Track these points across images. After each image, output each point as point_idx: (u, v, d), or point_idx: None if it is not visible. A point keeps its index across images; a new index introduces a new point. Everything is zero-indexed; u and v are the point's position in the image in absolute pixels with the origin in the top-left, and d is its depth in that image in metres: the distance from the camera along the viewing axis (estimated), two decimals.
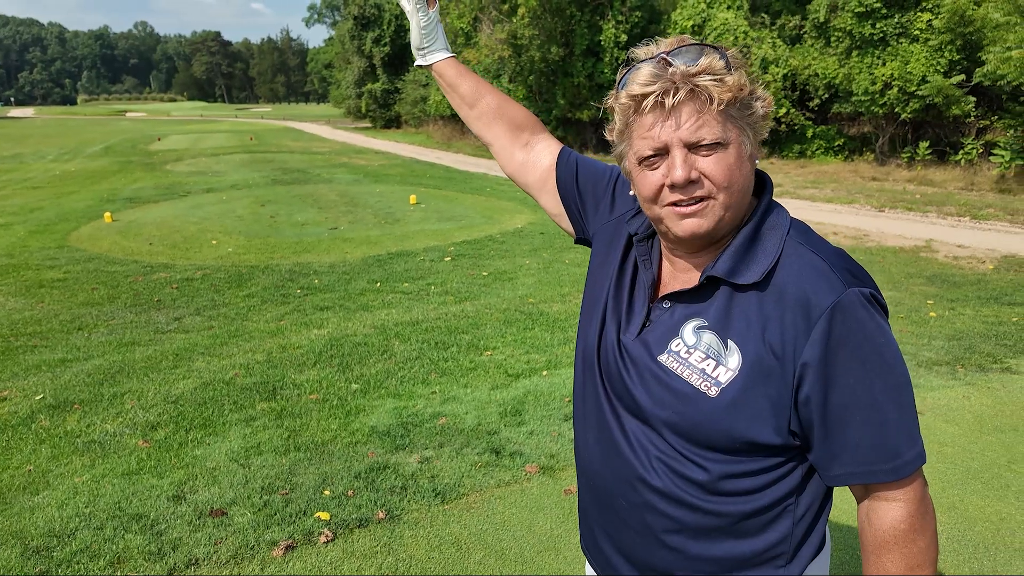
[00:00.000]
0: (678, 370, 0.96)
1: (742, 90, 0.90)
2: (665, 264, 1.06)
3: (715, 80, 0.88)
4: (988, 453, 3.04)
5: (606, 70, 19.49)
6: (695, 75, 0.88)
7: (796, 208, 11.78)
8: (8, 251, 8.37)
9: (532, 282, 6.87)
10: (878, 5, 14.82)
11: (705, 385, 0.94)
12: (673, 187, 0.91)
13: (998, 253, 7.67)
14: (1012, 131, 13.03)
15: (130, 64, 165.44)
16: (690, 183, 0.90)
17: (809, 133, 17.83)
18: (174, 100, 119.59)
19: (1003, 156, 13.00)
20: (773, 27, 17.95)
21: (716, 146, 0.89)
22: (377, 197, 13.33)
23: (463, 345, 4.80)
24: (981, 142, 14.34)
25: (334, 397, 3.78)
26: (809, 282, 0.90)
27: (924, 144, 15.07)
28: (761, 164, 0.99)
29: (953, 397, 3.64)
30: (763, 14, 18.26)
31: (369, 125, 45.09)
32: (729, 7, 17.91)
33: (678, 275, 1.03)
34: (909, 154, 15.61)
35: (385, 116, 42.01)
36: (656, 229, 1.02)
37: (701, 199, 0.91)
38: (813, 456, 0.95)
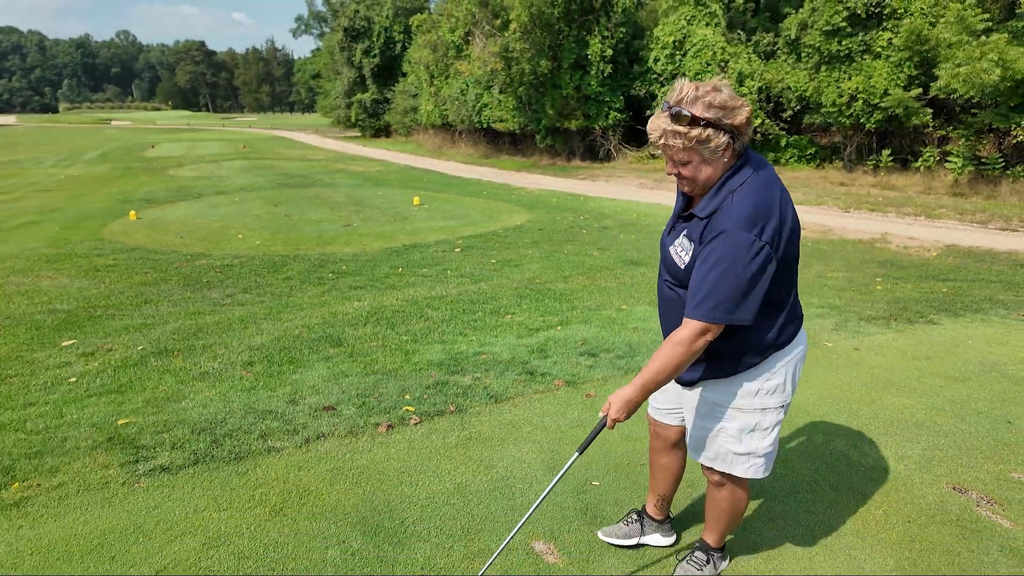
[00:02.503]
0: (673, 254, 1.90)
1: (697, 137, 1.73)
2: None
3: (676, 136, 1.73)
4: (905, 372, 3.98)
5: (592, 82, 20.56)
6: (666, 132, 1.75)
7: None
8: (51, 243, 9.08)
9: (537, 267, 7.77)
10: (844, 24, 16.07)
11: (680, 261, 1.86)
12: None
13: (943, 243, 8.74)
14: (964, 140, 14.26)
15: (112, 73, 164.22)
16: (677, 176, 1.83)
17: (783, 142, 19.02)
18: (158, 109, 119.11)
19: (956, 163, 14.23)
20: (749, 43, 19.17)
21: (684, 163, 1.79)
22: (381, 199, 14.17)
23: (487, 311, 5.67)
24: (939, 150, 15.59)
25: (391, 343, 4.64)
26: (726, 221, 1.76)
27: (886, 152, 16.29)
28: None
29: (884, 339, 4.60)
30: (739, 31, 19.48)
31: (358, 134, 45.83)
32: (707, 24, 19.11)
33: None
34: (874, 161, 16.82)
35: (375, 125, 42.81)
36: None
37: (683, 179, 1.83)
38: None
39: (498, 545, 2.31)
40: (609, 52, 20.00)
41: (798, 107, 17.98)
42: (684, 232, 1.88)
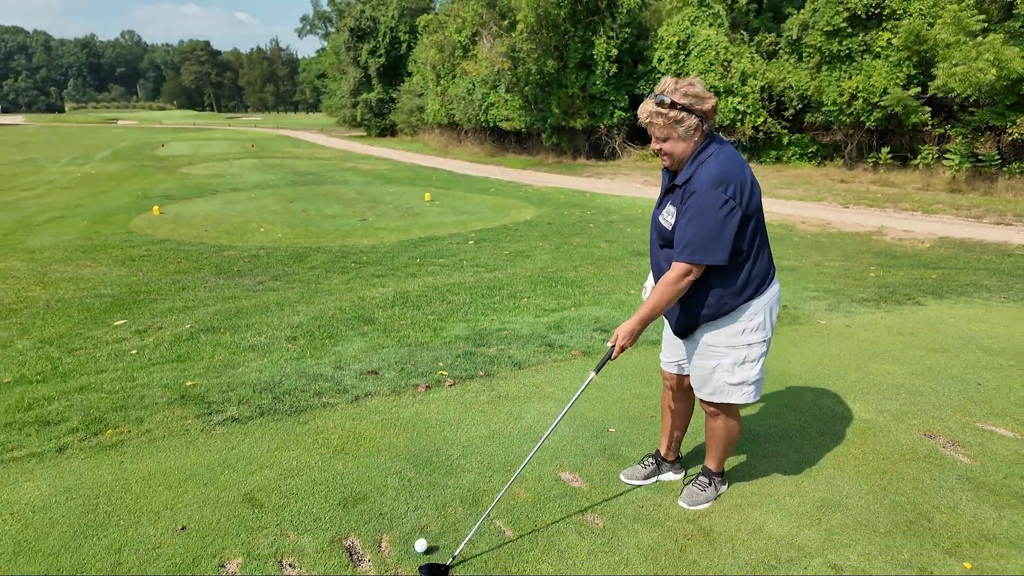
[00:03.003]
0: (662, 220, 2.33)
1: (674, 118, 2.19)
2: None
3: (659, 116, 2.20)
4: (890, 345, 4.38)
5: (598, 81, 20.95)
6: (651, 114, 2.22)
7: (771, 204, 13.23)
8: (84, 236, 9.51)
9: (547, 258, 8.17)
10: (844, 25, 16.43)
11: (668, 224, 2.29)
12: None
13: (936, 236, 9.12)
14: (961, 138, 14.62)
15: (117, 73, 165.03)
16: (659, 152, 2.26)
17: (785, 140, 19.40)
18: (163, 108, 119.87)
19: (953, 160, 14.59)
20: (751, 43, 19.54)
21: (664, 140, 2.23)
22: (393, 195, 14.59)
23: (504, 295, 6.08)
24: (937, 148, 15.94)
25: (420, 322, 5.05)
26: (697, 185, 2.20)
27: (886, 150, 16.65)
28: None
29: (873, 318, 4.99)
30: (742, 31, 19.86)
31: (363, 134, 46.28)
32: (711, 25, 19.48)
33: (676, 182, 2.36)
34: (874, 159, 17.19)
35: (380, 125, 43.26)
36: None
37: (663, 155, 2.24)
38: None
39: (531, 472, 2.72)
40: (614, 52, 20.38)
41: (800, 106, 18.35)
42: (670, 202, 2.32)
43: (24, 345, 4.79)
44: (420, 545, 2.23)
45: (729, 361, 2.35)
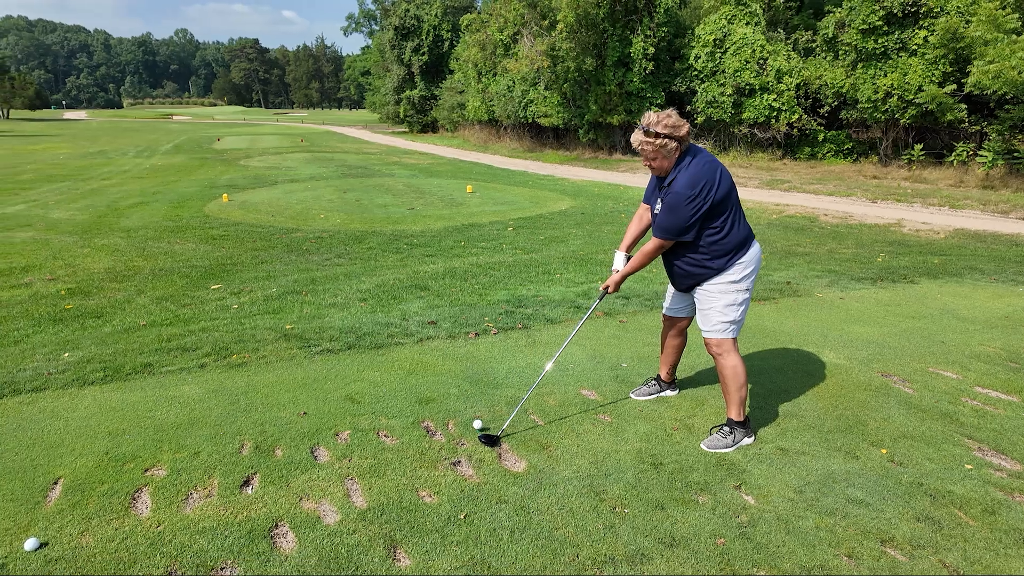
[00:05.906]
0: (657, 209, 3.09)
1: (657, 144, 2.92)
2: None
3: (647, 144, 2.93)
4: (874, 313, 5.04)
5: (635, 79, 21.51)
6: (642, 142, 2.96)
7: (800, 198, 13.69)
8: (167, 218, 10.71)
9: (580, 243, 8.95)
10: (880, 23, 16.65)
11: (656, 212, 3.05)
12: None
13: (952, 228, 9.54)
14: (995, 134, 14.75)
15: (170, 70, 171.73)
16: (649, 166, 3.03)
17: (820, 137, 19.65)
18: (214, 104, 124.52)
19: (986, 157, 14.74)
20: (788, 41, 19.83)
21: (653, 159, 2.98)
22: (437, 187, 15.55)
23: (539, 271, 6.90)
24: (971, 145, 16.06)
25: (467, 289, 5.91)
26: (675, 186, 2.95)
27: (918, 147, 16.82)
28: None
29: (867, 293, 5.63)
30: (779, 29, 20.15)
31: (405, 130, 47.67)
32: (748, 23, 19.84)
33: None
34: (909, 156, 17.35)
35: (422, 121, 44.48)
36: None
37: (652, 168, 3.01)
38: None
39: (558, 389, 3.54)
40: (651, 50, 20.91)
41: (835, 103, 18.60)
42: (660, 197, 3.08)
43: (144, 301, 5.84)
44: (477, 423, 3.08)
45: (721, 304, 3.10)
